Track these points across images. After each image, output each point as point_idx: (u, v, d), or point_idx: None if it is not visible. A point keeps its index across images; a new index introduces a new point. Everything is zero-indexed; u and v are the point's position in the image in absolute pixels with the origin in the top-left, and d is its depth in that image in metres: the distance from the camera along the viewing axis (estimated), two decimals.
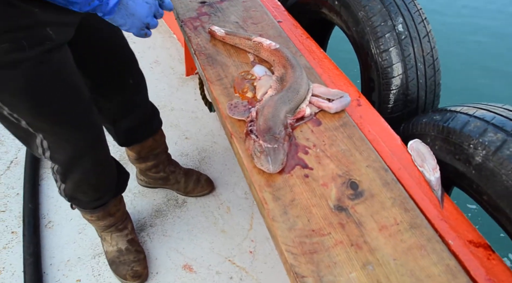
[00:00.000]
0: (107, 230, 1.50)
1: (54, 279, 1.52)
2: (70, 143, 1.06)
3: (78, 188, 1.24)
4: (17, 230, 1.65)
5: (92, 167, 1.16)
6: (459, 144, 0.84)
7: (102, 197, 1.32)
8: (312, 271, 0.67)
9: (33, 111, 0.95)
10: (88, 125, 1.08)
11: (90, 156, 1.13)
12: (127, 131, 1.45)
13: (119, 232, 1.52)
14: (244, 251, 1.58)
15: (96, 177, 1.21)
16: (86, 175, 1.18)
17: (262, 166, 0.78)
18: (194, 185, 1.73)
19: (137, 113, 1.41)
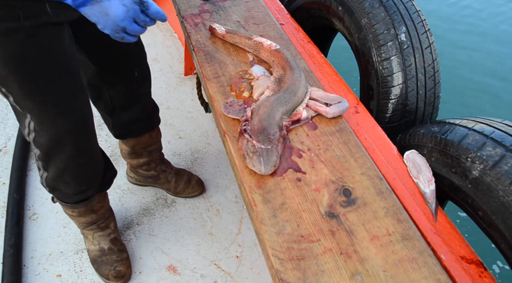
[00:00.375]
0: (89, 228, 1.46)
1: (34, 272, 1.48)
2: (53, 126, 1.03)
3: (59, 178, 1.19)
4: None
5: (74, 155, 1.11)
6: (456, 157, 0.82)
7: (85, 190, 1.27)
8: (298, 278, 0.64)
9: (20, 85, 0.94)
10: (74, 109, 1.04)
11: (72, 143, 1.09)
12: (125, 124, 1.43)
13: (101, 231, 1.48)
14: (231, 256, 1.55)
15: (77, 167, 1.16)
16: (67, 163, 1.14)
17: (253, 167, 0.76)
18: (184, 185, 1.70)
19: (137, 107, 1.38)
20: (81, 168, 1.18)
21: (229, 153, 0.84)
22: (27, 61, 0.90)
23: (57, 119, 1.02)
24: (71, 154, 1.11)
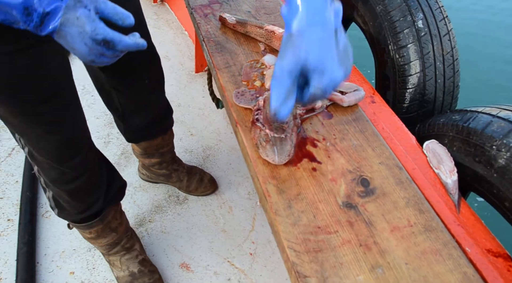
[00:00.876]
0: (113, 251, 1.39)
1: (47, 270, 1.48)
2: (40, 143, 0.99)
3: (59, 196, 1.15)
4: (13, 218, 1.61)
5: (63, 172, 1.06)
6: (480, 145, 0.78)
7: (88, 208, 1.19)
8: (316, 271, 0.62)
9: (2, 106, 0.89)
10: (60, 128, 0.98)
11: (60, 161, 1.03)
12: (136, 129, 1.39)
13: (128, 254, 1.42)
14: (244, 253, 1.52)
15: (69, 183, 1.10)
16: (58, 182, 1.09)
17: (267, 157, 0.73)
18: (196, 184, 1.68)
19: (149, 113, 1.35)
20: (73, 183, 1.10)
21: (241, 143, 0.81)
22: (5, 86, 0.84)
23: (43, 137, 0.98)
24: (61, 171, 1.05)
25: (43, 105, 0.91)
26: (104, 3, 0.69)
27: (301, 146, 0.78)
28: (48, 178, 1.09)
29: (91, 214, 1.21)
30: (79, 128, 1.06)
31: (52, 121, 0.96)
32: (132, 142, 1.49)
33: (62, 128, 0.99)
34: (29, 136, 0.97)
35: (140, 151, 1.54)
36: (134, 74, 1.19)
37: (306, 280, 0.60)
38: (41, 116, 0.93)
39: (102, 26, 0.69)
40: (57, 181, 1.09)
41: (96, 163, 1.16)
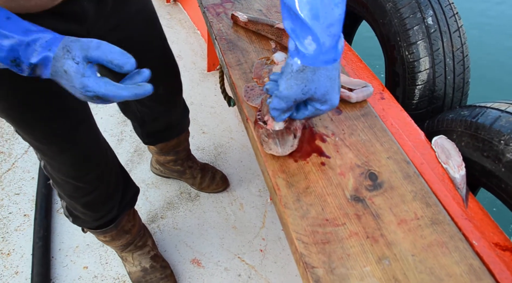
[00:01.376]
0: (127, 250, 1.41)
1: (62, 264, 1.51)
2: (53, 159, 0.99)
3: (72, 207, 1.16)
4: (29, 213, 1.65)
5: (77, 186, 1.06)
6: (488, 140, 0.78)
7: (103, 216, 1.20)
8: (323, 262, 0.63)
9: (18, 127, 0.91)
10: (72, 145, 0.98)
11: (73, 177, 1.04)
12: (153, 133, 1.41)
13: (140, 250, 1.44)
14: (255, 249, 1.54)
15: (84, 196, 1.10)
16: (72, 195, 1.10)
17: (271, 150, 0.74)
18: (209, 181, 1.70)
19: (166, 118, 1.35)
20: (88, 197, 1.10)
21: (251, 138, 0.83)
22: (18, 103, 0.85)
23: (57, 154, 0.98)
24: (76, 186, 1.06)
25: (56, 122, 0.91)
26: (97, 49, 0.64)
27: (310, 141, 0.79)
28: (62, 192, 1.10)
29: (106, 221, 1.22)
30: (93, 144, 1.05)
31: (65, 139, 0.95)
32: (149, 145, 1.50)
33: (76, 145, 0.99)
34: (44, 153, 0.97)
35: (155, 150, 1.56)
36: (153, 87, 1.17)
37: (313, 271, 0.62)
38: (54, 134, 0.93)
39: (92, 82, 0.64)
40: (71, 195, 1.09)
41: (113, 175, 1.16)
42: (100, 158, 1.08)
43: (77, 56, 0.63)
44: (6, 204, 1.68)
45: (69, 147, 0.97)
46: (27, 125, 0.90)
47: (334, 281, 0.60)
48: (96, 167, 1.07)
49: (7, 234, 1.58)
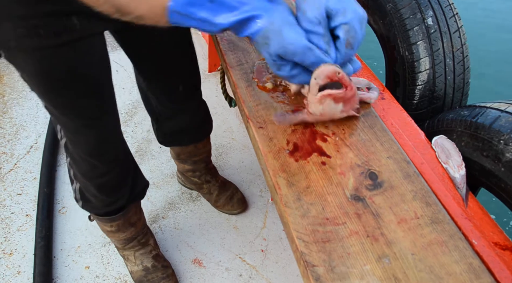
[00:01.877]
0: (129, 246, 1.43)
1: (63, 264, 1.51)
2: (75, 137, 1.03)
3: (86, 189, 1.18)
4: (31, 213, 1.66)
5: (94, 167, 1.10)
6: (488, 140, 0.79)
7: (113, 202, 1.23)
8: (324, 261, 0.63)
9: (45, 98, 0.94)
10: (96, 127, 1.02)
11: (93, 158, 1.08)
12: (168, 133, 1.40)
13: (143, 249, 1.46)
14: (256, 249, 1.54)
15: (99, 177, 1.13)
16: (89, 176, 1.13)
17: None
18: (225, 201, 1.66)
19: (183, 119, 1.33)
20: (103, 178, 1.14)
21: (252, 138, 0.84)
22: (49, 80, 0.88)
23: (81, 131, 1.01)
24: (93, 165, 1.09)
25: (84, 100, 0.95)
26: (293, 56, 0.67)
27: (310, 141, 0.80)
28: (78, 171, 1.13)
29: (115, 208, 1.25)
30: (114, 126, 1.10)
31: (91, 116, 0.99)
32: (163, 145, 1.49)
33: (100, 124, 1.03)
34: (68, 128, 1.01)
35: (174, 155, 1.56)
36: (170, 81, 1.19)
37: (314, 269, 0.62)
38: (81, 110, 0.97)
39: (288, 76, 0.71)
40: (87, 175, 1.13)
41: (127, 161, 1.21)
42: (118, 141, 1.14)
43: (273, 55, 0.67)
44: (8, 204, 1.69)
45: (93, 123, 1.01)
46: (57, 99, 0.93)
47: (335, 279, 0.61)
48: (114, 149, 1.12)
49: (9, 234, 1.59)
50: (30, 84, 0.92)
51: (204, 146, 1.52)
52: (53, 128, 2.02)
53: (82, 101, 0.95)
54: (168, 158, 1.85)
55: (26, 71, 0.88)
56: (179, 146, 1.47)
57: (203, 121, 1.43)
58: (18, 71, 0.89)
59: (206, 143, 1.52)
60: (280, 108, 0.86)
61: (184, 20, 0.64)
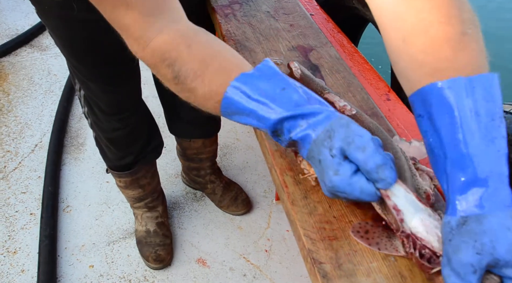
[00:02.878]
0: (137, 205, 1.50)
1: (68, 263, 1.52)
2: (93, 98, 1.15)
3: (100, 139, 1.29)
4: (35, 212, 1.67)
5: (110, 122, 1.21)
6: None
7: (124, 157, 1.32)
8: (331, 258, 0.64)
9: (68, 58, 1.06)
10: (115, 93, 1.14)
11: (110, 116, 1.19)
12: (177, 122, 1.45)
13: (149, 212, 1.53)
14: (260, 250, 1.55)
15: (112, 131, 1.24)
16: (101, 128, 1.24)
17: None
18: (229, 202, 1.66)
19: (190, 111, 1.34)
20: (114, 133, 1.24)
21: (259, 136, 0.84)
22: (75, 47, 1.01)
23: (98, 92, 1.12)
24: (106, 119, 1.20)
25: (104, 67, 1.06)
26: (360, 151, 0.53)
27: None
28: (93, 121, 1.24)
29: (124, 164, 1.34)
30: (131, 92, 1.20)
31: (108, 83, 1.10)
32: (173, 134, 1.53)
33: (116, 90, 1.13)
34: (87, 87, 1.13)
35: (180, 151, 1.59)
36: None
37: (321, 266, 0.63)
38: (101, 76, 1.08)
39: (344, 183, 0.55)
40: (100, 126, 1.24)
41: (139, 122, 1.29)
42: (132, 103, 1.23)
43: (335, 148, 0.55)
44: (13, 203, 1.69)
45: (110, 89, 1.12)
46: (76, 64, 1.06)
47: (341, 276, 0.61)
48: (128, 110, 1.22)
49: (13, 232, 1.60)
50: (55, 42, 1.04)
51: (212, 144, 1.54)
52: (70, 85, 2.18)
53: (104, 68, 1.06)
54: (172, 158, 1.86)
55: (55, 32, 1.00)
56: (187, 139, 1.50)
57: (211, 117, 1.44)
58: (47, 28, 1.01)
59: (213, 141, 1.55)
60: None
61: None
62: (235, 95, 0.61)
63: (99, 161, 1.85)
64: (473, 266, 0.48)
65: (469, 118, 0.51)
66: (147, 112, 1.35)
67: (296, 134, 0.58)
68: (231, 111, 0.62)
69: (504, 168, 0.50)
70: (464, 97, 0.51)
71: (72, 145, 1.95)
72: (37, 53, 2.52)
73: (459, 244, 0.49)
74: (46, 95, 2.22)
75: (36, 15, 0.99)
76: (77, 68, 1.07)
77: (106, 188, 1.76)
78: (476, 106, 0.51)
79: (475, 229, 0.49)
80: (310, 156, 0.59)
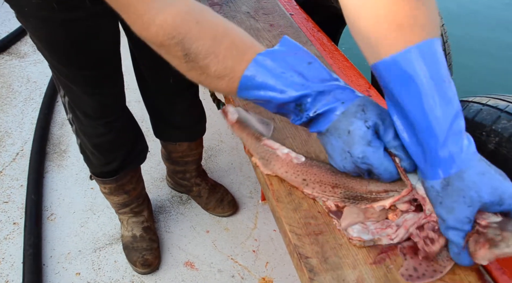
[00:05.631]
0: (122, 211, 1.49)
1: (54, 271, 1.50)
2: (76, 101, 1.13)
3: (85, 145, 1.27)
4: (19, 221, 1.64)
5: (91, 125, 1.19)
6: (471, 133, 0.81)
7: (109, 163, 1.30)
8: (317, 252, 0.65)
9: (50, 61, 1.04)
10: (97, 96, 1.11)
11: (92, 122, 1.18)
12: (161, 125, 1.44)
13: (135, 218, 1.53)
14: (247, 250, 1.55)
15: (96, 137, 1.22)
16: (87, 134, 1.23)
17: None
18: (215, 204, 1.66)
19: (176, 114, 1.36)
20: (99, 139, 1.22)
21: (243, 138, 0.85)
22: (56, 48, 0.98)
23: (82, 96, 1.10)
24: (91, 125, 1.19)
25: (88, 71, 1.04)
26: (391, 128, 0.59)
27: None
28: (78, 127, 1.22)
29: (110, 170, 1.33)
30: (116, 95, 1.19)
31: (93, 86, 1.08)
32: (157, 137, 1.51)
33: (101, 92, 1.11)
34: (71, 92, 1.10)
35: (165, 154, 1.57)
36: (162, 72, 1.22)
37: (307, 261, 0.63)
38: (84, 79, 1.06)
39: (376, 156, 0.58)
40: (85, 132, 1.22)
41: (124, 126, 1.28)
42: (118, 107, 1.23)
43: (371, 120, 0.58)
44: None
45: (95, 92, 1.10)
46: (64, 67, 1.03)
47: (328, 270, 0.62)
48: (113, 114, 1.20)
49: None
50: (37, 46, 1.01)
51: (197, 147, 1.54)
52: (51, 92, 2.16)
53: (88, 71, 1.04)
54: (157, 162, 1.85)
55: (35, 34, 0.97)
56: (171, 142, 1.49)
57: (197, 121, 1.46)
58: (28, 31, 0.98)
59: (199, 144, 1.54)
60: None
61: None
62: (259, 69, 0.60)
63: (83, 167, 1.83)
64: (468, 217, 0.54)
65: (426, 84, 0.54)
66: (131, 117, 1.34)
67: (322, 107, 0.59)
68: (252, 86, 0.61)
69: (462, 123, 0.55)
70: (417, 67, 0.54)
71: (54, 152, 1.92)
72: (15, 61, 2.48)
73: (451, 204, 0.55)
74: (26, 103, 2.19)
75: (13, 21, 0.97)
76: (60, 72, 1.05)
77: (91, 195, 1.74)
78: (430, 71, 0.54)
79: (460, 186, 0.54)
80: (333, 128, 0.60)
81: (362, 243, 0.64)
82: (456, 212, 0.55)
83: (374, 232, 0.65)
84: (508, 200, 0.54)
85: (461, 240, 0.56)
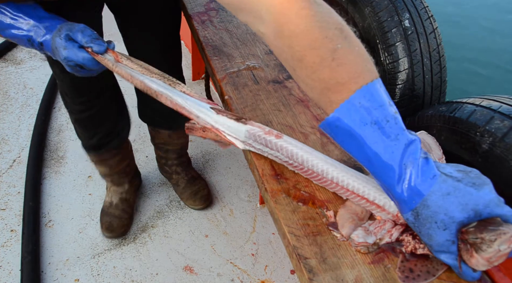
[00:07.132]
0: (106, 179, 1.63)
1: (52, 278, 1.50)
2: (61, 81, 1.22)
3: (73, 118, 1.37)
4: (16, 228, 1.64)
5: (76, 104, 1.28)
6: (465, 133, 0.83)
7: (92, 137, 1.39)
8: (315, 253, 0.65)
9: None
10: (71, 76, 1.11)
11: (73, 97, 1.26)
12: (146, 112, 1.50)
13: (115, 187, 1.63)
14: (246, 254, 1.55)
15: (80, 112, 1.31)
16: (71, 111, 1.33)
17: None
18: (189, 195, 1.70)
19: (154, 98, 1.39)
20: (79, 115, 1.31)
21: None
22: None
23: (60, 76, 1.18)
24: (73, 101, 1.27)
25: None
26: (79, 32, 0.80)
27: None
28: (64, 103, 1.33)
29: (91, 144, 1.43)
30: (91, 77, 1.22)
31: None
32: (141, 118, 1.56)
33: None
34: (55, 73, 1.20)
35: (150, 138, 1.65)
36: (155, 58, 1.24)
37: (306, 261, 0.64)
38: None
39: (71, 53, 0.80)
40: (69, 108, 1.33)
41: (104, 106, 1.34)
42: (93, 89, 1.27)
43: (62, 33, 0.80)
44: None
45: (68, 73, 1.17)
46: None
47: (327, 270, 0.63)
48: (89, 94, 1.27)
49: None
50: None
51: (179, 137, 1.59)
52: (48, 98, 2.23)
53: None
54: (155, 168, 1.85)
55: None
56: (153, 127, 1.56)
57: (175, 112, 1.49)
58: None
59: (180, 136, 1.58)
60: None
61: None
62: None
63: (80, 173, 1.84)
64: (449, 240, 0.56)
65: (370, 131, 0.57)
66: (115, 97, 1.39)
67: (40, 38, 0.82)
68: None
69: (415, 152, 0.56)
70: (356, 119, 0.57)
71: (52, 159, 1.92)
72: (11, 67, 2.49)
73: (427, 232, 0.57)
74: (23, 109, 2.19)
75: None
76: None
77: (89, 201, 1.74)
78: (370, 117, 0.56)
79: (428, 214, 0.56)
80: (52, 50, 0.82)
81: (367, 248, 0.65)
82: (435, 238, 0.56)
83: (375, 232, 0.66)
84: (485, 210, 0.54)
85: (454, 261, 0.57)
